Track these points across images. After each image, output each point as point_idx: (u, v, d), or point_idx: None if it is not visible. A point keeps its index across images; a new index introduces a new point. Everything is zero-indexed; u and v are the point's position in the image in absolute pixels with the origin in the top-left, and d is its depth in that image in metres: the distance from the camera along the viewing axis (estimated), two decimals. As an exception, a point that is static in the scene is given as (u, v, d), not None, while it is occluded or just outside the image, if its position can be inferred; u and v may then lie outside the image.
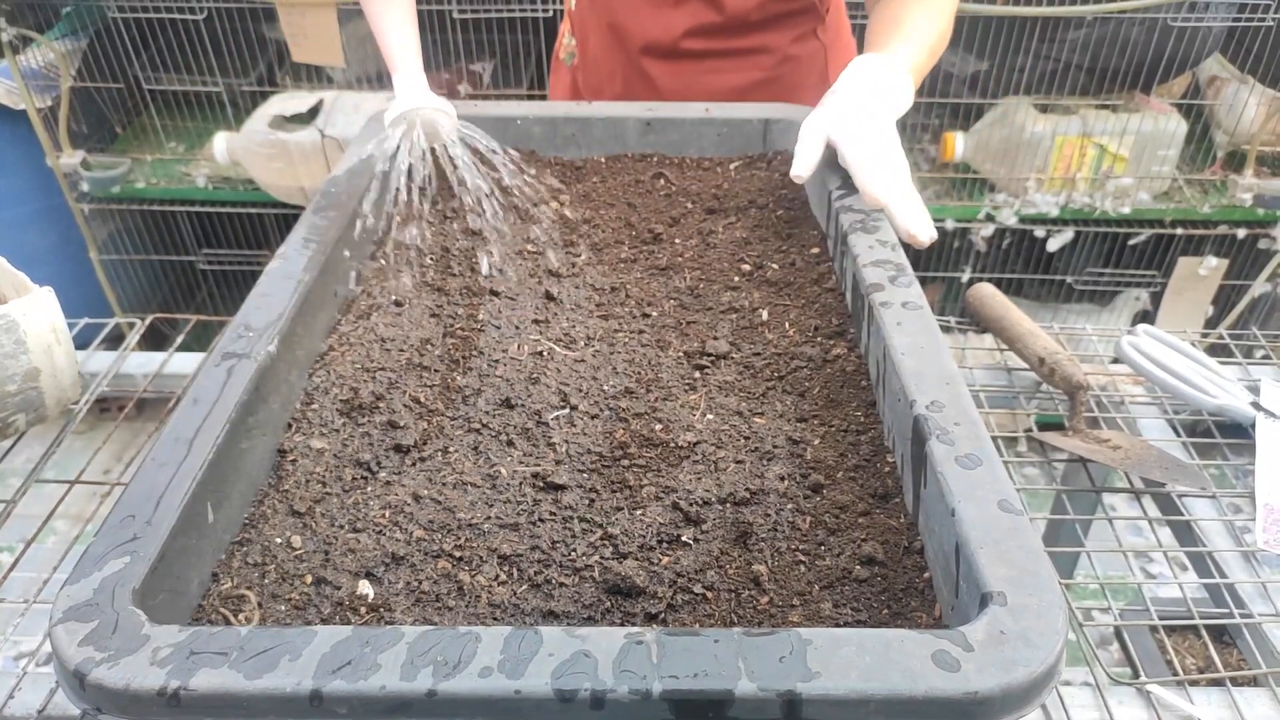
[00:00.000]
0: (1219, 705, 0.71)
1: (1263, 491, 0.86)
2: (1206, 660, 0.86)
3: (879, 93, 0.90)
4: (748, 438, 0.70)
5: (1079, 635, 0.74)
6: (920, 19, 0.99)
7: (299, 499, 0.64)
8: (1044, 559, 0.51)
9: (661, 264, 0.91)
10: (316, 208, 0.86)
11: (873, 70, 0.92)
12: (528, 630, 0.47)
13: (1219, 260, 2.16)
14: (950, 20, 1.04)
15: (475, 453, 0.68)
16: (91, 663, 0.46)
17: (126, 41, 2.03)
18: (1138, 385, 1.04)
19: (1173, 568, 0.97)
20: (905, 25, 0.98)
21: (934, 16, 1.00)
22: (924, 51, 0.98)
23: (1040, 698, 0.46)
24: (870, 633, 0.47)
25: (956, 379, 0.65)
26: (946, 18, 1.02)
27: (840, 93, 0.91)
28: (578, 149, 1.09)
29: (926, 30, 0.99)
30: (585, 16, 1.21)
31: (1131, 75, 2.00)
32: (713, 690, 0.44)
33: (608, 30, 1.18)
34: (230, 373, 0.65)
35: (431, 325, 0.82)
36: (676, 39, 1.15)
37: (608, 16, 1.17)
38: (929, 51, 0.99)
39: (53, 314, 0.84)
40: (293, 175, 2.05)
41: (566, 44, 1.29)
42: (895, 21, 0.99)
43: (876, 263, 0.78)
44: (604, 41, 1.20)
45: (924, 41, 0.98)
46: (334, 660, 0.45)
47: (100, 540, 0.53)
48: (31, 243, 2.22)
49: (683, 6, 1.13)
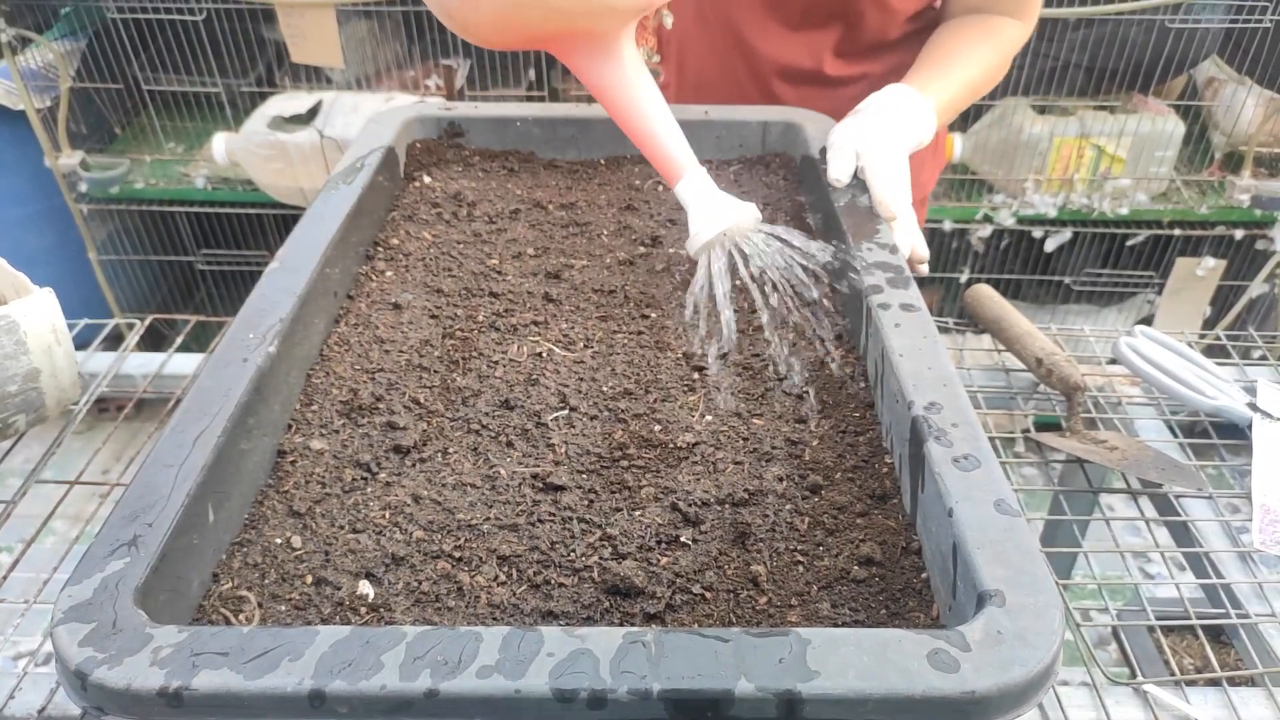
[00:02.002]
0: (1216, 705, 0.72)
1: (1259, 492, 0.86)
2: (1204, 660, 0.87)
3: (903, 122, 0.93)
4: (746, 439, 0.70)
5: (1076, 635, 0.74)
6: (972, 59, 1.00)
7: (299, 499, 0.64)
8: (1041, 559, 0.51)
9: (660, 267, 0.91)
10: (316, 209, 0.87)
11: (902, 102, 0.94)
12: (527, 630, 0.47)
13: (1216, 261, 2.16)
14: (1005, 62, 1.05)
15: (475, 453, 0.69)
16: (93, 662, 0.46)
17: (125, 42, 2.03)
18: (1135, 386, 1.05)
19: (1170, 568, 0.98)
20: (955, 61, 1.00)
21: (986, 59, 1.01)
22: (963, 90, 0.99)
23: (1037, 697, 0.46)
24: (868, 633, 0.47)
25: (954, 380, 0.65)
26: (1000, 60, 1.03)
27: (868, 112, 0.93)
28: (577, 150, 1.10)
29: (973, 71, 1.00)
30: (691, 38, 1.14)
31: (1129, 76, 2.00)
32: (712, 690, 0.45)
33: (734, 53, 1.12)
34: (230, 373, 0.65)
35: (431, 326, 0.82)
36: (820, 63, 1.10)
37: (732, 39, 1.11)
38: (969, 90, 1.01)
39: (53, 315, 0.84)
40: (292, 176, 2.05)
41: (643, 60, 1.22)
42: (949, 55, 1.01)
43: (875, 265, 0.79)
44: (724, 64, 1.14)
45: (966, 80, 0.99)
46: (334, 660, 0.46)
47: (101, 540, 0.53)
48: (30, 243, 2.22)
49: (826, 29, 1.08)
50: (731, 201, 0.79)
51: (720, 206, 0.78)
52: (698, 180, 0.79)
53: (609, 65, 0.77)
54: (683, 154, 0.80)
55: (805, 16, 1.08)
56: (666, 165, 0.80)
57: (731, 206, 0.78)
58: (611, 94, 0.78)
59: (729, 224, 0.77)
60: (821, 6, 1.06)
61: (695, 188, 0.79)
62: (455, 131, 1.10)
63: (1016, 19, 1.03)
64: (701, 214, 0.78)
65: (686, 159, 0.79)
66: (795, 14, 1.08)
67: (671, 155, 0.79)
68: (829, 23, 1.08)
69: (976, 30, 1.03)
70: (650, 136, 0.79)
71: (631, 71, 0.77)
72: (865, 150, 0.90)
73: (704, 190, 0.79)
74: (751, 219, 0.78)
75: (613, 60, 0.77)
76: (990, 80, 1.04)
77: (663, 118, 0.79)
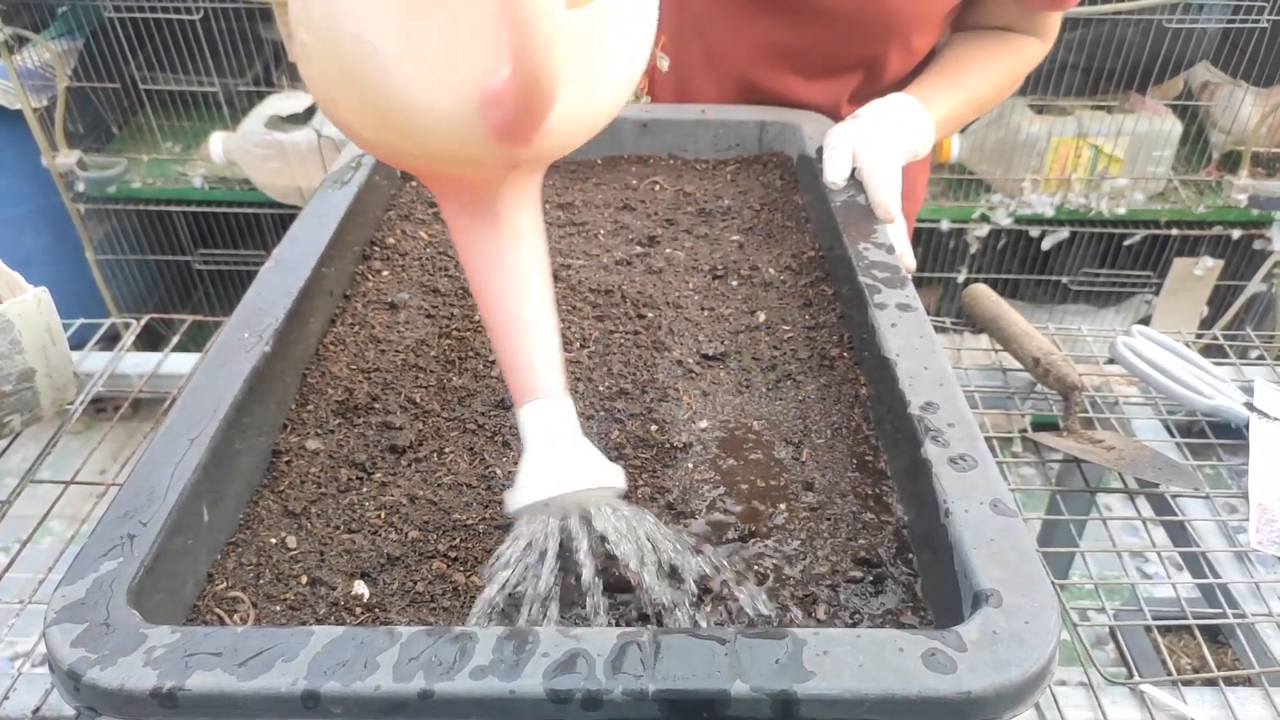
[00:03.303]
0: (1213, 705, 0.72)
1: (1256, 492, 0.86)
2: (1201, 660, 0.86)
3: (901, 129, 0.92)
4: (742, 439, 0.70)
5: (1073, 635, 0.74)
6: (981, 75, 0.99)
7: (294, 499, 0.64)
8: (1037, 559, 0.51)
9: (657, 266, 0.91)
10: (312, 209, 0.86)
11: (902, 111, 0.93)
12: (522, 630, 0.47)
13: (1214, 261, 2.17)
14: (1017, 79, 1.04)
15: (471, 453, 0.68)
16: (86, 663, 0.46)
17: (123, 41, 2.03)
18: (1132, 386, 1.05)
19: (1167, 568, 0.98)
20: (963, 76, 0.99)
21: (997, 77, 1.00)
22: (967, 106, 0.99)
23: (1033, 697, 0.46)
24: (864, 633, 0.47)
25: (951, 380, 0.65)
26: (1011, 78, 1.02)
27: (867, 116, 0.93)
28: (575, 150, 1.09)
29: (980, 87, 0.99)
30: (697, 78, 1.08)
31: (1126, 76, 2.00)
32: (707, 690, 0.44)
33: (744, 98, 1.08)
34: (226, 373, 0.65)
35: (427, 326, 0.82)
36: (837, 108, 1.07)
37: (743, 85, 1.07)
38: (974, 106, 1.00)
39: (48, 314, 0.84)
40: (289, 175, 2.05)
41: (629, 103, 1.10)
42: (958, 69, 0.99)
43: (872, 265, 0.78)
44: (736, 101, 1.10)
45: (972, 97, 0.99)
46: (329, 661, 0.46)
47: (95, 540, 0.53)
48: (27, 243, 2.22)
49: (845, 77, 1.04)
50: (591, 456, 0.55)
51: (572, 458, 0.55)
52: (554, 411, 0.56)
53: (477, 226, 0.56)
54: (547, 370, 0.56)
55: (825, 68, 1.04)
56: (521, 377, 0.56)
57: (589, 464, 0.55)
58: (475, 262, 0.57)
59: (576, 487, 0.53)
60: (844, 57, 1.02)
61: (546, 421, 0.55)
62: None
63: (1036, 37, 1.03)
64: (540, 460, 0.55)
65: (549, 379, 0.56)
66: (815, 66, 1.04)
67: (532, 366, 0.56)
68: (850, 72, 1.04)
69: (995, 46, 1.02)
70: (510, 333, 0.57)
71: (509, 243, 0.56)
72: (862, 152, 0.89)
73: (558, 428, 0.56)
74: (612, 486, 0.55)
75: (484, 221, 0.56)
76: (998, 97, 1.03)
77: (537, 314, 0.57)
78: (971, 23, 1.05)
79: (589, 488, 0.54)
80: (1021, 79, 1.04)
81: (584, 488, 0.54)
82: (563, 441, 0.55)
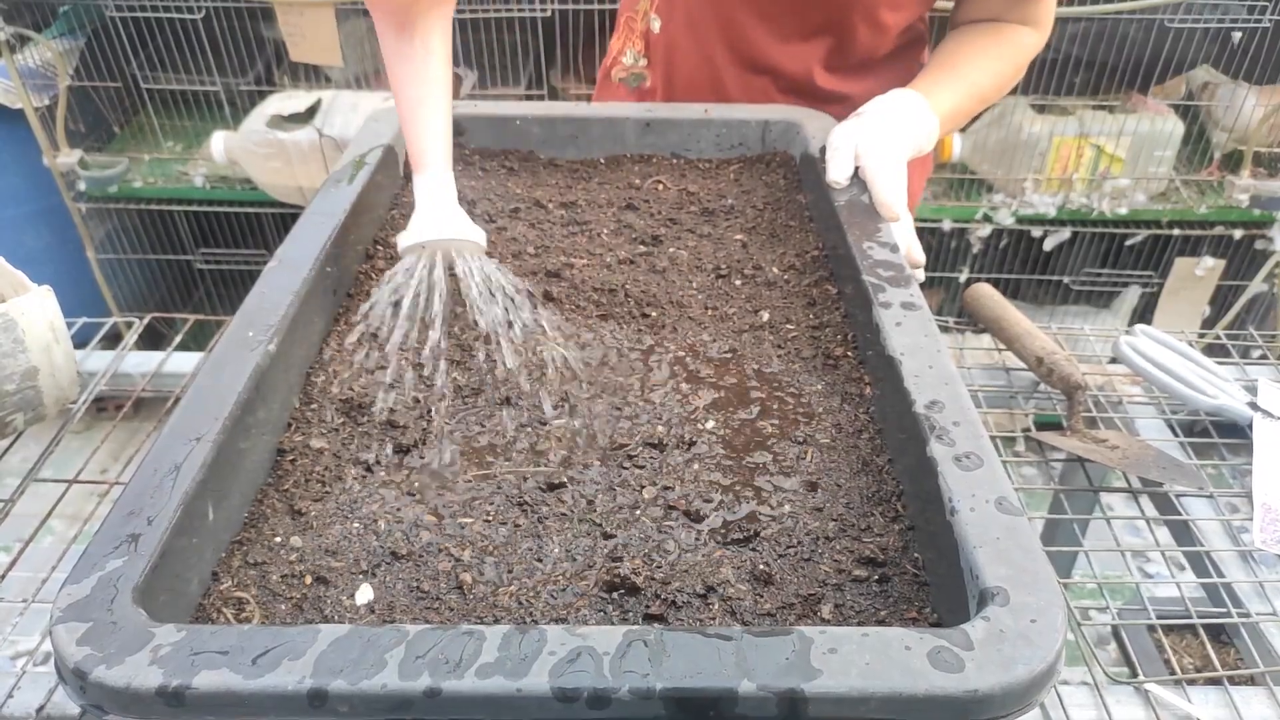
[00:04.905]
0: (1216, 704, 0.72)
1: (1260, 491, 0.86)
2: (1204, 659, 0.86)
3: (904, 126, 0.92)
4: (748, 438, 0.70)
5: (1077, 634, 0.74)
6: (981, 68, 1.00)
7: (299, 498, 0.64)
8: (1043, 558, 0.51)
9: (661, 265, 0.91)
10: (315, 207, 0.86)
11: (905, 107, 0.93)
12: (529, 629, 0.47)
13: (1216, 260, 2.16)
14: (1018, 71, 1.04)
15: (474, 452, 0.68)
16: (93, 661, 0.46)
17: (124, 41, 2.03)
18: (1135, 385, 1.05)
19: (1170, 567, 0.98)
20: (963, 69, 0.99)
21: (997, 68, 1.01)
22: (970, 100, 0.99)
23: (1039, 696, 0.46)
24: (871, 631, 0.47)
25: (955, 379, 0.65)
26: (1011, 70, 1.03)
27: (869, 114, 0.93)
28: (576, 150, 1.09)
29: (982, 80, 0.99)
30: (680, 43, 1.11)
31: (1128, 75, 2.00)
32: (714, 689, 0.44)
33: (724, 60, 1.10)
34: (230, 372, 0.65)
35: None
36: (810, 74, 1.08)
37: (723, 45, 1.08)
38: (977, 100, 1.00)
39: (51, 313, 0.84)
40: (290, 175, 2.05)
41: (628, 64, 1.17)
42: (958, 62, 1.00)
43: (876, 264, 0.78)
44: (713, 70, 1.11)
45: (974, 90, 0.99)
46: (335, 659, 0.46)
47: (101, 539, 0.53)
48: (29, 242, 2.22)
49: (816, 40, 1.06)
50: (463, 218, 0.79)
51: (447, 216, 0.78)
52: (438, 182, 0.79)
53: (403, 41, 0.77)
54: (437, 151, 0.79)
55: (797, 29, 1.06)
56: (418, 155, 0.79)
57: (459, 222, 0.78)
58: (396, 69, 0.79)
59: (450, 235, 0.77)
60: (813, 17, 1.05)
61: (432, 188, 0.79)
62: (454, 130, 1.09)
63: (1031, 27, 1.03)
64: (424, 214, 0.78)
65: (437, 157, 0.79)
66: (788, 27, 1.06)
67: (426, 148, 0.79)
68: (819, 35, 1.06)
69: (989, 38, 1.02)
70: (414, 121, 0.79)
71: (421, 55, 0.78)
72: (865, 151, 0.89)
73: (440, 194, 0.79)
74: (476, 243, 0.78)
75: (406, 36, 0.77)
76: (1000, 89, 1.03)
77: (435, 110, 0.79)
78: (964, 18, 1.06)
79: (456, 238, 0.77)
80: (1021, 71, 1.04)
81: (453, 237, 0.77)
82: (442, 203, 0.78)
